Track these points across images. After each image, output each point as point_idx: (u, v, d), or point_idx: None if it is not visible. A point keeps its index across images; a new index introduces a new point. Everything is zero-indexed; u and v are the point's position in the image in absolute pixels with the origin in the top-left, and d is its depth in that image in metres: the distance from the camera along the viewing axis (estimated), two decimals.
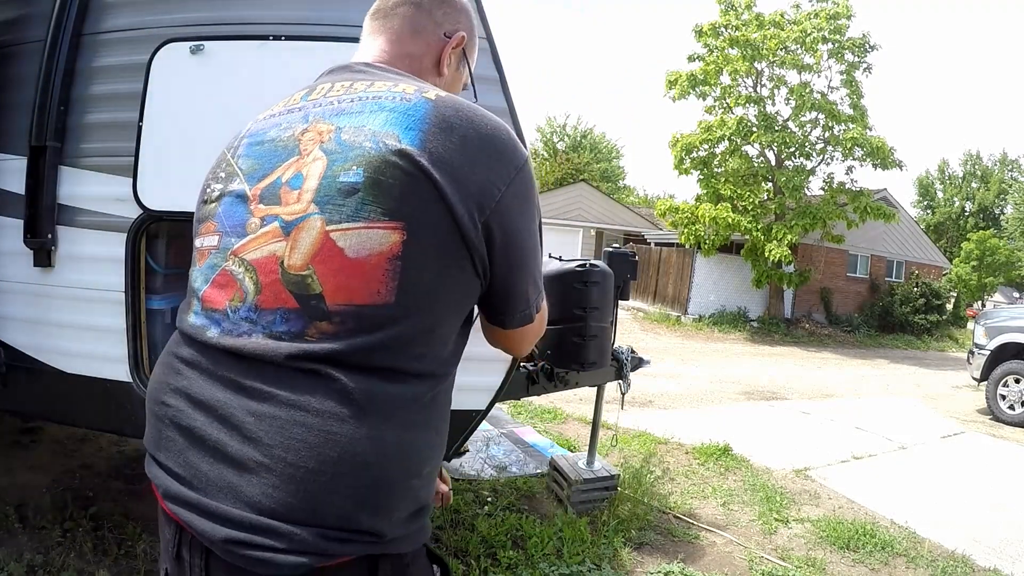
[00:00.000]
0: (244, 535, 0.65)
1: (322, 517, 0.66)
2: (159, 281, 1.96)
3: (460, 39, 0.96)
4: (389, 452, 0.70)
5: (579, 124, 42.22)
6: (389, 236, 0.70)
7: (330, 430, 0.67)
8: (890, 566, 2.87)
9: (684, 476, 3.87)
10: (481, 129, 0.77)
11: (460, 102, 0.79)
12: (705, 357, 10.49)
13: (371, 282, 0.70)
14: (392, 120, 0.75)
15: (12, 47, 1.88)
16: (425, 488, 0.77)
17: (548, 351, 2.60)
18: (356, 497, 0.67)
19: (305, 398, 0.68)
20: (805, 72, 13.87)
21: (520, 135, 1.74)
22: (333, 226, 0.71)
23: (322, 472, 0.66)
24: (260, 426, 0.67)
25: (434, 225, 0.72)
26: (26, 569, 2.06)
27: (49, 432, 3.25)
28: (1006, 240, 27.99)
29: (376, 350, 0.70)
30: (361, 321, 0.70)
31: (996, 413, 6.70)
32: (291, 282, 0.71)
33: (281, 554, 0.64)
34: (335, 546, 0.66)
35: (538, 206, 0.88)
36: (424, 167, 0.71)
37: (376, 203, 0.71)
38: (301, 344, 0.69)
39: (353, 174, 0.72)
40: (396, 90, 0.79)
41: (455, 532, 2.66)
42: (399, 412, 0.72)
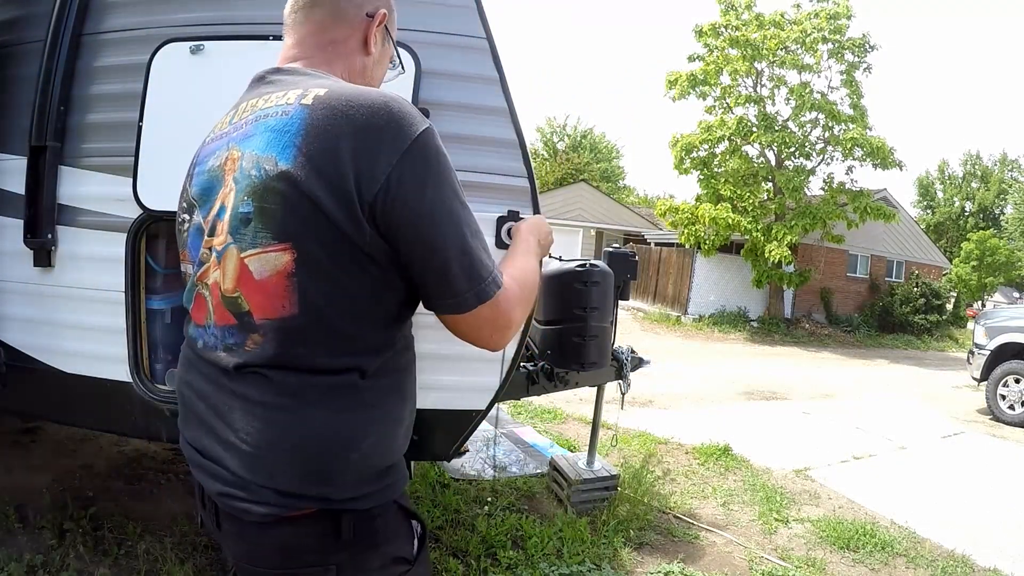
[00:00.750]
0: (229, 489, 0.84)
1: (277, 482, 0.82)
2: (159, 281, 1.95)
3: (382, 16, 0.99)
4: (318, 433, 0.83)
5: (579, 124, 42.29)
6: (281, 257, 0.79)
7: (271, 417, 0.83)
8: (890, 566, 2.87)
9: (684, 476, 3.87)
10: (357, 120, 0.78)
11: (338, 98, 0.80)
12: (705, 357, 10.49)
13: (276, 299, 0.81)
14: (271, 141, 0.81)
15: (12, 47, 1.88)
16: (372, 459, 0.87)
17: (548, 351, 2.60)
18: (298, 469, 0.83)
19: (253, 393, 0.83)
20: (805, 72, 13.86)
21: (520, 135, 1.73)
22: (243, 253, 0.82)
23: (271, 450, 0.83)
24: (232, 415, 0.85)
25: (319, 236, 0.78)
26: (26, 569, 2.06)
27: (49, 432, 3.25)
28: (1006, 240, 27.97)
29: (296, 354, 0.82)
30: (279, 332, 0.81)
31: (996, 413, 6.70)
32: (229, 303, 0.85)
33: (254, 504, 0.83)
34: (292, 501, 0.83)
35: (447, 177, 0.83)
36: (299, 183, 0.77)
37: (266, 229, 0.80)
38: (244, 354, 0.84)
39: (245, 205, 0.81)
40: (281, 102, 0.84)
41: (455, 532, 2.66)
42: (325, 399, 0.83)
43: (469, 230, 0.85)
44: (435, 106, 1.69)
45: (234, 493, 0.84)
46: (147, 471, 2.99)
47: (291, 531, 0.84)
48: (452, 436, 1.87)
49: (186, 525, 2.42)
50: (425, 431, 1.85)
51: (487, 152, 1.72)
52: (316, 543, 0.85)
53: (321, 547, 0.85)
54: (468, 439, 1.95)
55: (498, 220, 1.72)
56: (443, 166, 0.83)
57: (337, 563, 0.85)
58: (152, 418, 1.84)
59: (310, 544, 0.85)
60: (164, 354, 1.96)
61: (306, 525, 0.84)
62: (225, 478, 0.85)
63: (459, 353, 1.78)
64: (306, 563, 0.85)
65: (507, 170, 1.72)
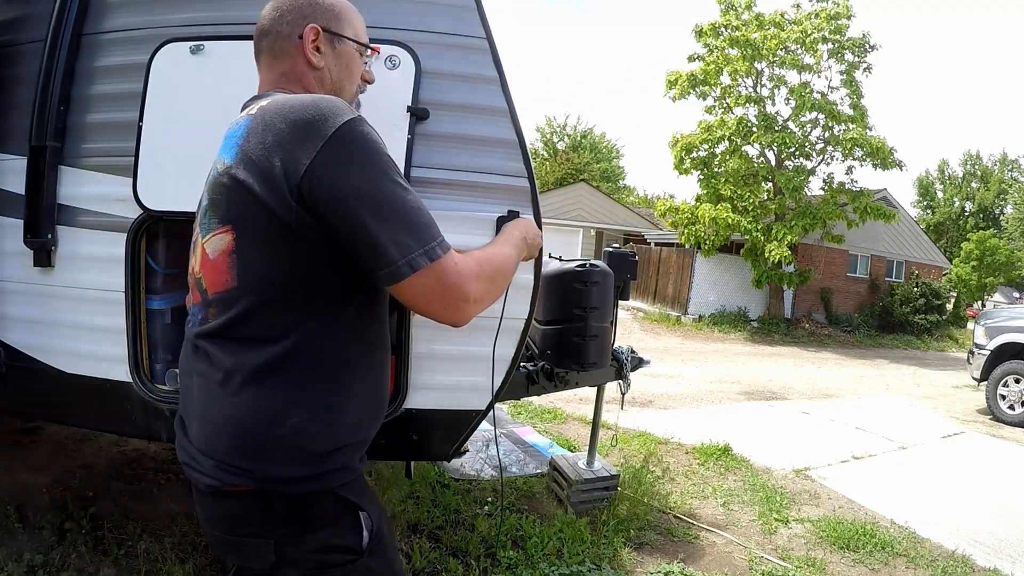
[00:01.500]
0: (187, 459, 0.99)
1: (216, 453, 0.94)
2: (159, 281, 1.95)
3: (312, 32, 1.04)
4: (244, 406, 0.92)
5: (579, 124, 42.28)
6: (224, 238, 0.93)
7: (210, 389, 0.96)
8: (890, 566, 2.87)
9: (684, 476, 3.87)
10: (288, 117, 0.89)
11: (275, 104, 0.92)
12: (705, 357, 10.49)
13: (221, 274, 0.94)
14: (224, 146, 0.96)
15: (12, 47, 1.88)
16: (304, 437, 0.94)
17: (548, 351, 2.60)
18: (230, 441, 0.93)
19: (203, 368, 0.97)
20: (805, 72, 13.85)
21: (520, 135, 1.73)
22: (203, 239, 0.97)
23: (210, 421, 0.95)
24: (195, 390, 0.99)
25: (254, 219, 0.90)
26: (26, 569, 2.06)
27: (49, 432, 3.24)
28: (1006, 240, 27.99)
29: (236, 323, 0.93)
30: (224, 304, 0.94)
31: (996, 413, 6.70)
32: (197, 283, 0.99)
33: (200, 475, 0.95)
34: (228, 476, 0.93)
35: (374, 158, 0.90)
36: (235, 174, 0.90)
37: (215, 216, 0.94)
38: (202, 327, 0.98)
39: (205, 199, 0.98)
40: (239, 117, 0.98)
41: (455, 532, 2.67)
42: (256, 376, 0.92)
43: (401, 205, 0.90)
44: (435, 106, 1.69)
45: (190, 463, 0.98)
46: (147, 471, 2.99)
47: (234, 504, 0.95)
48: (452, 436, 1.87)
49: (186, 525, 2.42)
50: (425, 431, 1.86)
51: (487, 152, 1.72)
52: (255, 517, 0.95)
53: (259, 522, 0.95)
54: (468, 439, 1.95)
55: (498, 220, 1.71)
56: (370, 149, 0.90)
57: (275, 539, 0.95)
58: (152, 418, 1.84)
59: (250, 518, 0.95)
60: (164, 354, 1.96)
61: (244, 500, 0.94)
62: (187, 449, 0.99)
63: (459, 353, 1.79)
64: (249, 534, 0.96)
65: (507, 170, 1.72)
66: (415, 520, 2.71)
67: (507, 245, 1.15)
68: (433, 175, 1.70)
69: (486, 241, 1.70)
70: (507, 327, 1.65)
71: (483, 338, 1.65)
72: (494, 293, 1.03)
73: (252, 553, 0.96)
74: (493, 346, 1.58)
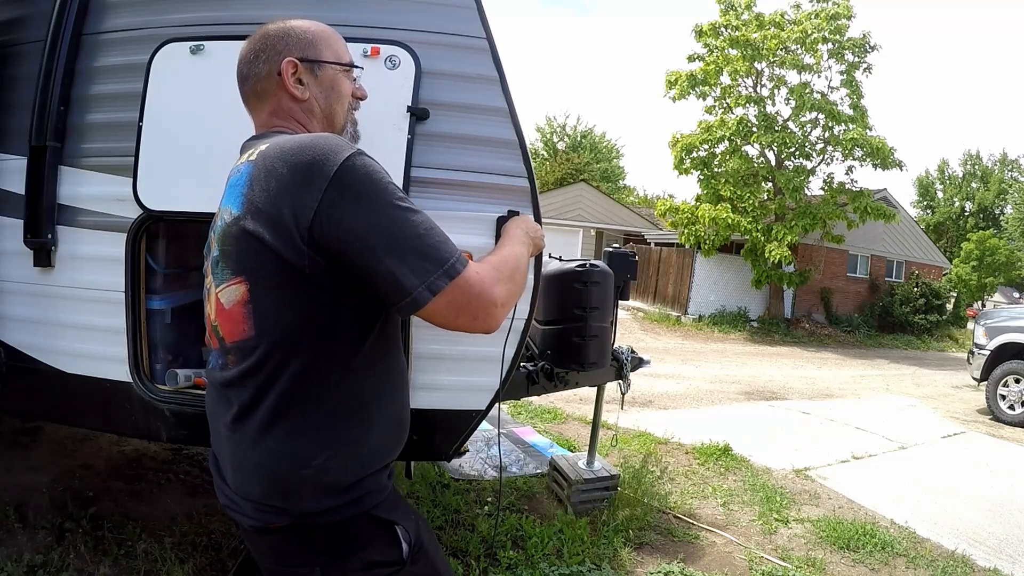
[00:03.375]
0: (227, 502, 1.04)
1: (252, 496, 0.98)
2: (159, 281, 1.95)
3: (290, 65, 1.04)
4: (271, 452, 0.95)
5: (579, 124, 42.23)
6: (239, 288, 0.94)
7: (238, 440, 0.98)
8: (890, 566, 2.87)
9: (684, 476, 3.87)
10: (288, 161, 0.89)
11: (274, 148, 0.93)
12: (705, 357, 10.49)
13: (238, 324, 0.95)
14: (228, 195, 0.96)
15: (12, 47, 1.88)
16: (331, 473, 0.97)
17: (548, 351, 2.60)
18: (262, 487, 0.97)
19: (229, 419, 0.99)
20: (805, 72, 13.86)
21: (520, 135, 1.73)
22: (217, 288, 0.98)
23: (241, 469, 0.99)
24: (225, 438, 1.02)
25: (267, 268, 0.91)
26: (26, 569, 2.06)
27: (49, 432, 3.24)
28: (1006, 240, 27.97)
29: (255, 370, 0.94)
30: (242, 352, 0.96)
31: (996, 413, 6.70)
32: (214, 331, 1.01)
33: (242, 516, 1.01)
34: (267, 516, 0.97)
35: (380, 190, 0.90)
36: (244, 225, 0.91)
37: (227, 267, 0.95)
38: (223, 373, 1.00)
39: (215, 249, 0.98)
40: (239, 163, 0.99)
41: (455, 532, 2.67)
42: (276, 422, 0.94)
43: (413, 230, 0.90)
44: (435, 106, 1.69)
45: (231, 507, 1.03)
46: (147, 471, 2.99)
47: (278, 538, 0.99)
48: (452, 436, 1.87)
49: (186, 525, 2.42)
50: (425, 431, 1.85)
51: (487, 152, 1.72)
52: (298, 548, 0.99)
53: (303, 552, 0.99)
54: (468, 439, 1.95)
55: (498, 220, 1.71)
56: (374, 182, 0.90)
57: (321, 565, 0.99)
58: (152, 418, 1.84)
59: (294, 549, 0.99)
60: (164, 354, 1.96)
61: (286, 534, 0.98)
62: (226, 492, 1.04)
63: (459, 353, 1.79)
64: (295, 563, 1.00)
65: (507, 170, 1.72)
66: None
67: (516, 244, 1.16)
68: (433, 175, 1.70)
69: (487, 241, 1.71)
70: (507, 327, 1.65)
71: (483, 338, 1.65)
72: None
73: None
74: (503, 346, 1.58)
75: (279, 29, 1.06)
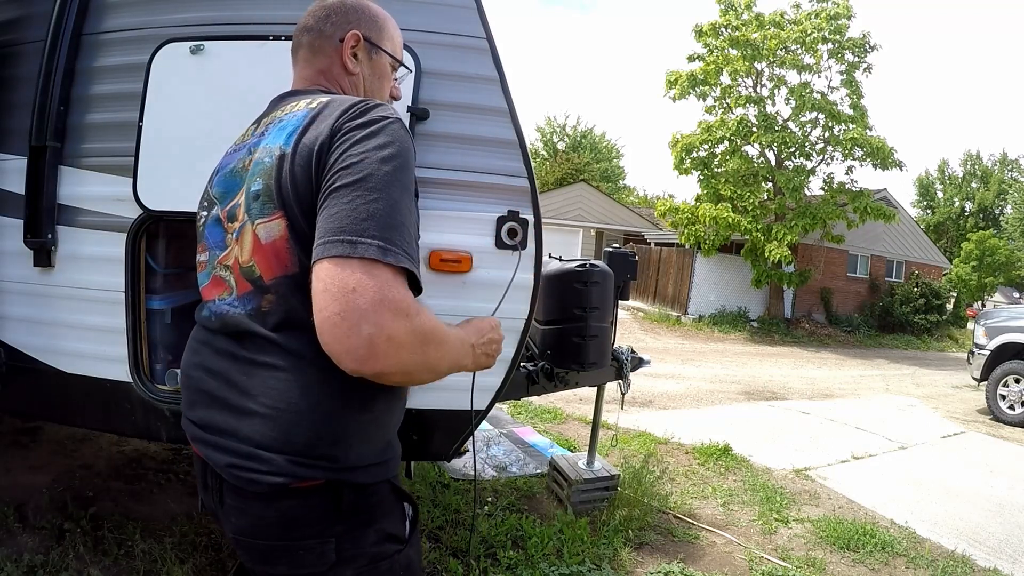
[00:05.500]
0: (239, 460, 0.89)
1: (292, 446, 0.87)
2: (159, 281, 1.96)
3: (353, 38, 1.08)
4: (332, 392, 0.89)
5: (579, 124, 42.26)
6: (280, 223, 0.90)
7: (289, 379, 0.88)
8: (890, 566, 2.87)
9: (684, 476, 3.87)
10: (341, 107, 0.92)
11: (336, 100, 0.95)
12: (705, 357, 10.49)
13: (281, 259, 0.90)
14: (280, 134, 0.95)
15: (12, 47, 1.88)
16: (377, 426, 0.95)
17: (548, 351, 2.60)
18: (314, 430, 0.88)
19: (273, 358, 0.90)
20: (805, 72, 13.87)
21: (520, 135, 1.73)
22: (254, 224, 0.92)
23: (289, 411, 0.88)
24: (250, 383, 0.90)
25: (301, 204, 0.88)
26: (25, 569, 2.06)
27: (49, 432, 3.24)
28: (1006, 240, 27.99)
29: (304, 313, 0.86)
30: (287, 288, 0.90)
31: (996, 413, 6.70)
32: (246, 272, 0.94)
33: (264, 475, 0.87)
34: (301, 470, 0.87)
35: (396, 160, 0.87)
36: (292, 162, 0.89)
37: (270, 202, 0.91)
38: (260, 316, 0.91)
39: (256, 184, 0.93)
40: (295, 108, 0.98)
41: (455, 532, 2.66)
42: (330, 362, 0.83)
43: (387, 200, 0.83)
44: (435, 106, 1.69)
45: (244, 464, 0.89)
46: (147, 471, 2.99)
47: (295, 503, 0.89)
48: (452, 436, 1.87)
49: (186, 525, 2.42)
50: (425, 431, 1.86)
51: (487, 152, 1.72)
52: (317, 516, 0.91)
53: (321, 520, 0.91)
54: (468, 439, 1.95)
55: (498, 220, 1.72)
56: (400, 150, 0.88)
57: (335, 536, 0.91)
58: (152, 418, 1.84)
59: (312, 517, 0.90)
60: (164, 354, 1.97)
61: (309, 497, 0.89)
62: (236, 450, 0.90)
63: None
64: (306, 535, 0.91)
65: (507, 170, 1.72)
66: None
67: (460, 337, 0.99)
68: (433, 175, 1.70)
69: (487, 241, 1.71)
70: (507, 327, 1.65)
71: None
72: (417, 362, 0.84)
73: (308, 557, 0.91)
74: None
75: (356, 2, 1.10)
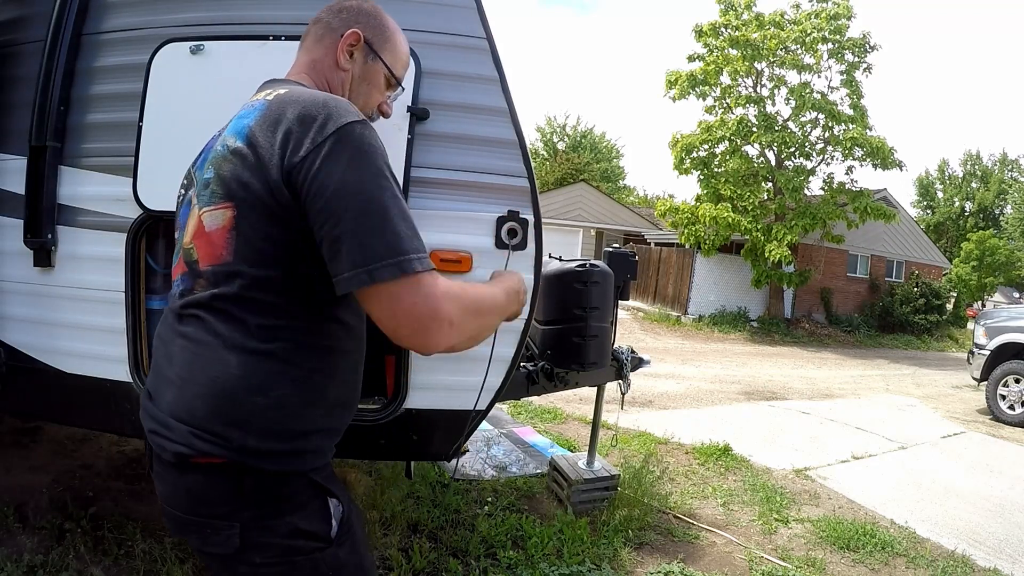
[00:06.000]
0: (155, 426, 0.95)
1: (192, 418, 0.91)
2: (159, 281, 1.95)
3: (352, 35, 1.09)
4: (232, 370, 0.91)
5: (579, 124, 42.26)
6: (225, 213, 0.93)
7: (198, 352, 0.94)
8: (890, 566, 2.87)
9: (684, 476, 3.87)
10: (297, 109, 0.91)
11: (291, 94, 0.95)
12: (705, 357, 10.49)
13: (217, 248, 0.93)
14: (235, 126, 0.96)
15: (12, 47, 1.88)
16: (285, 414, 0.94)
17: (548, 351, 2.60)
18: (210, 404, 0.91)
19: (189, 331, 0.95)
20: (805, 72, 13.87)
21: (520, 135, 1.73)
22: (201, 211, 0.96)
23: (193, 382, 0.93)
24: (177, 353, 0.96)
25: (252, 200, 0.91)
26: (25, 569, 2.06)
27: (49, 432, 3.24)
28: (1006, 240, 28.00)
29: (226, 297, 0.93)
30: (216, 277, 0.94)
31: (996, 413, 6.70)
32: (186, 254, 0.99)
33: (169, 442, 0.92)
34: (199, 443, 0.90)
35: (369, 162, 0.89)
36: (244, 156, 0.91)
37: (217, 190, 0.94)
38: (191, 296, 0.96)
39: (207, 172, 0.97)
40: (256, 99, 1.00)
41: (455, 532, 2.67)
42: (245, 342, 0.92)
43: (381, 211, 0.88)
44: (435, 106, 1.69)
45: (158, 430, 0.94)
46: (147, 471, 2.99)
47: (200, 478, 0.92)
48: (452, 436, 1.87)
49: None
50: (425, 431, 1.86)
51: (487, 152, 1.72)
52: (220, 495, 0.92)
53: (225, 500, 0.92)
54: (468, 439, 1.95)
55: (498, 220, 1.72)
56: (370, 152, 0.90)
57: (241, 521, 0.91)
58: None
59: (215, 495, 0.92)
60: None
61: (212, 475, 0.91)
62: (156, 416, 0.95)
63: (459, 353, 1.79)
64: (213, 514, 0.92)
65: (507, 170, 1.72)
66: (415, 520, 2.71)
67: (499, 291, 1.08)
68: (433, 175, 1.70)
69: (487, 241, 1.71)
70: (507, 327, 1.65)
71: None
72: (474, 327, 0.96)
73: (214, 537, 0.92)
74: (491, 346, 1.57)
75: (371, 7, 1.13)
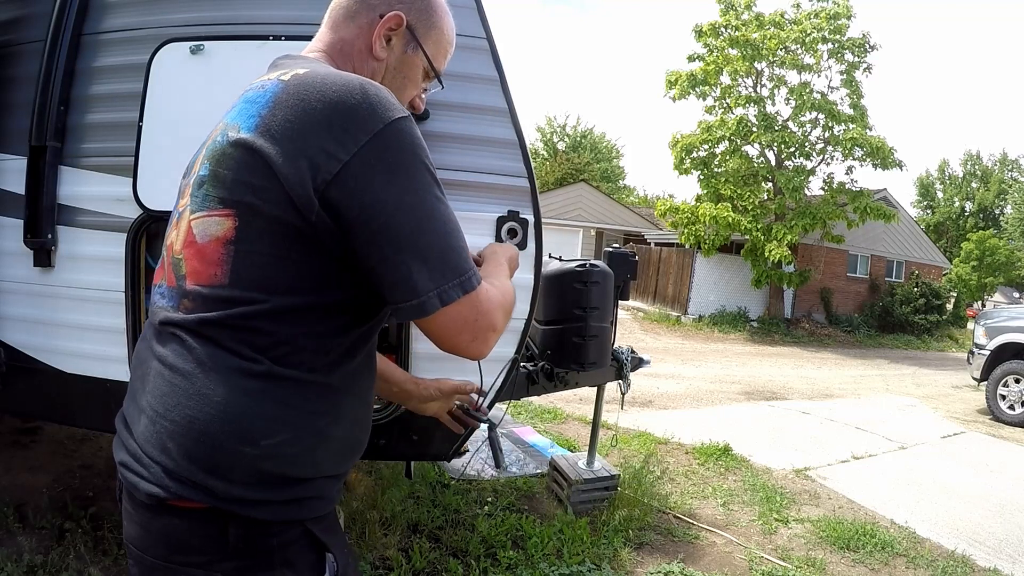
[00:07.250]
0: (127, 459, 0.79)
1: (167, 458, 0.75)
2: None
3: (394, 19, 0.91)
4: (214, 411, 0.75)
5: (579, 124, 42.28)
6: (223, 223, 0.76)
7: (174, 381, 0.77)
8: (890, 566, 2.87)
9: (684, 476, 3.87)
10: (326, 96, 0.75)
11: (314, 76, 0.78)
12: (705, 357, 10.49)
13: (210, 265, 0.77)
14: (241, 111, 0.80)
15: (12, 47, 1.88)
16: (278, 459, 0.78)
17: (548, 351, 2.60)
18: (187, 448, 0.75)
19: (168, 356, 0.78)
20: (805, 72, 13.89)
21: (520, 135, 1.73)
22: (192, 215, 0.80)
23: (165, 418, 0.76)
24: (152, 379, 0.80)
25: (266, 209, 0.75)
26: (25, 569, 2.06)
27: (49, 432, 3.24)
28: (1006, 240, 28.01)
29: (217, 325, 0.76)
30: (205, 300, 0.77)
31: (996, 413, 6.70)
32: (174, 264, 0.82)
33: (143, 481, 0.76)
34: (177, 487, 0.74)
35: (420, 168, 0.78)
36: (254, 152, 0.75)
37: (214, 192, 0.78)
38: (176, 315, 0.80)
39: (203, 168, 0.81)
40: (269, 78, 0.82)
41: (455, 532, 2.67)
42: (234, 377, 0.75)
43: (441, 226, 0.78)
44: (435, 106, 1.69)
45: (130, 464, 0.79)
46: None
47: (178, 523, 0.76)
48: (452, 436, 1.87)
49: None
50: (425, 431, 1.86)
51: (487, 152, 1.72)
52: (200, 543, 0.77)
53: (205, 549, 0.77)
54: (468, 439, 1.95)
55: (498, 220, 1.72)
56: (417, 157, 0.77)
57: (222, 572, 0.76)
58: None
59: (194, 543, 0.77)
60: None
61: (193, 520, 0.76)
62: (129, 447, 0.80)
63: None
64: (190, 563, 0.77)
65: (507, 170, 1.73)
66: (415, 520, 2.71)
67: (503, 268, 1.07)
68: None
69: (487, 241, 1.71)
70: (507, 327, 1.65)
71: None
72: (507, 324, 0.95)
73: None
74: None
75: None
